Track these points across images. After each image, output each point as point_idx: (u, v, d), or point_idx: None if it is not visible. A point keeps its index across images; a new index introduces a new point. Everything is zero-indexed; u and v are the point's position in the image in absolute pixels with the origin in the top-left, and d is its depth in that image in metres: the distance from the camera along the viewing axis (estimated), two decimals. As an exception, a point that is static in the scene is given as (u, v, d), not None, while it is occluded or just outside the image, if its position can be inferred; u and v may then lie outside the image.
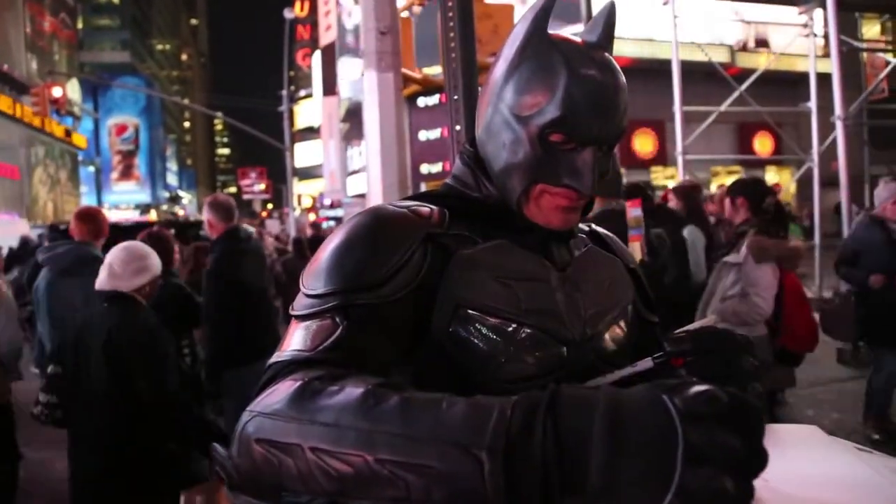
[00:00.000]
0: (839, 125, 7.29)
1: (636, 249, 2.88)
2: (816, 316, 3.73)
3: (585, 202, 0.94)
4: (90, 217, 3.41)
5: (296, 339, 0.82)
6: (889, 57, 10.84)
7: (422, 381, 0.88)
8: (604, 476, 0.51)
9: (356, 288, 0.83)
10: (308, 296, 0.85)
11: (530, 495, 0.54)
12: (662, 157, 17.65)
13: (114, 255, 2.56)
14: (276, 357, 0.81)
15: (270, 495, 0.67)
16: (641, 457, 0.50)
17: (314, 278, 0.86)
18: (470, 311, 0.87)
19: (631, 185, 4.15)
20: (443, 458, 0.57)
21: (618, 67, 0.90)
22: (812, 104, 9.19)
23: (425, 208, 0.94)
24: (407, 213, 0.92)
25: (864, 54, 13.11)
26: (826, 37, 8.52)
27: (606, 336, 0.97)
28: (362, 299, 0.83)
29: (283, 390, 0.71)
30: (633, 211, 3.34)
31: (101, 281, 2.51)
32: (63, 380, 2.49)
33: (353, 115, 22.15)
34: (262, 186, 24.29)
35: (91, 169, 51.94)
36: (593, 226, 1.12)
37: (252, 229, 7.58)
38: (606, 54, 0.90)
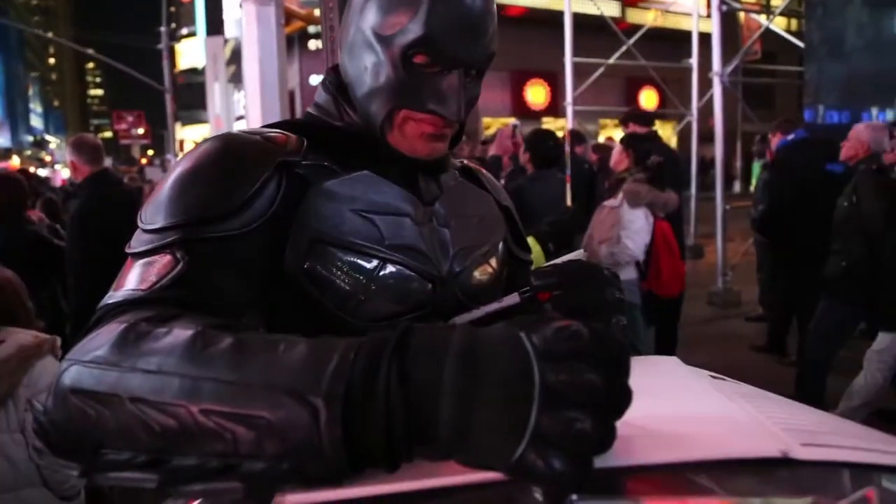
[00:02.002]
0: (716, 81, 7.65)
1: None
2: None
3: (453, 130, 0.89)
4: None
5: (130, 279, 0.73)
6: (763, 19, 11.47)
7: (276, 325, 0.82)
8: (455, 423, 0.46)
9: (201, 220, 0.75)
10: (146, 231, 0.76)
11: (372, 447, 0.48)
12: (554, 108, 17.93)
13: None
14: (107, 298, 0.72)
15: (88, 454, 0.57)
16: (495, 402, 0.45)
17: (154, 211, 0.77)
18: (327, 246, 0.81)
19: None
20: (275, 407, 0.50)
21: None
22: (693, 61, 9.59)
23: (281, 135, 0.86)
24: (259, 139, 0.84)
25: (742, 16, 13.80)
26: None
27: (475, 273, 0.94)
28: (207, 233, 0.75)
29: (105, 334, 0.62)
30: None
31: None
32: None
33: (240, 57, 20.97)
34: (141, 131, 22.66)
35: (-62, 108, 46.41)
36: (465, 161, 1.08)
37: (126, 177, 7.08)
38: None
